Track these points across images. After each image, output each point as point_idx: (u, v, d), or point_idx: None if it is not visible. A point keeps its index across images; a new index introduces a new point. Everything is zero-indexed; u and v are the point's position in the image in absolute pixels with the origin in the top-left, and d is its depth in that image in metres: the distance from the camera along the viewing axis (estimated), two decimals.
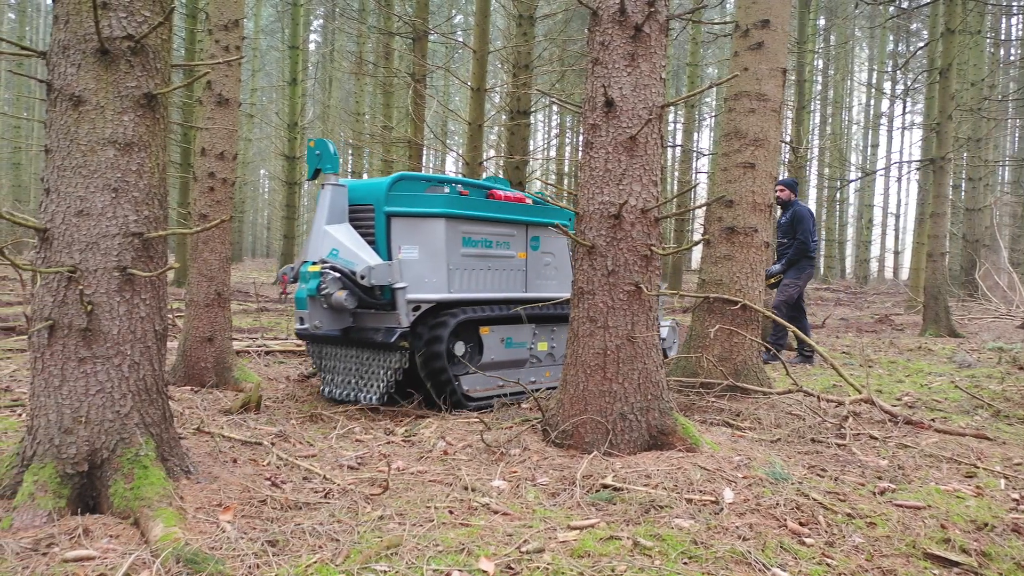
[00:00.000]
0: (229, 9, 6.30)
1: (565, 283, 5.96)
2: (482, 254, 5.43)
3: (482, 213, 5.40)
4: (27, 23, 31.06)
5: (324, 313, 4.88)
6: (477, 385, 5.35)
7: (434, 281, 5.11)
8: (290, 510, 3.16)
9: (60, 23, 3.15)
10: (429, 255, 5.10)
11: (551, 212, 5.96)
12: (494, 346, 5.45)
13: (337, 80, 28.47)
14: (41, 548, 2.66)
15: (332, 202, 5.11)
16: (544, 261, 5.94)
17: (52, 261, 3.09)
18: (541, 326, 5.82)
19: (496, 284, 5.53)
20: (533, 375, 5.81)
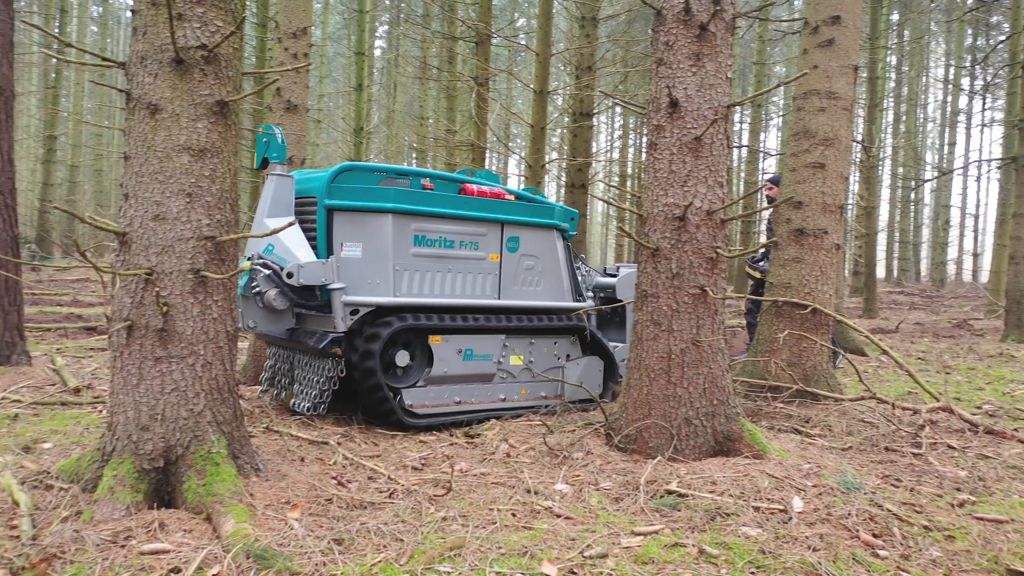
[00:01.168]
0: (298, 17, 6.44)
1: (552, 290, 5.42)
2: (439, 255, 4.86)
3: (441, 210, 4.84)
4: (108, 35, 32.39)
5: (259, 312, 4.49)
6: (426, 400, 4.79)
7: (378, 283, 4.63)
8: (355, 509, 3.21)
9: (138, 34, 3.27)
10: (373, 254, 4.62)
11: (539, 211, 5.34)
12: (448, 358, 4.86)
13: (402, 85, 28.86)
14: (120, 540, 2.76)
15: (275, 194, 4.64)
16: (525, 265, 5.28)
17: (130, 264, 3.21)
18: (514, 338, 5.20)
19: (458, 289, 4.96)
20: (503, 392, 5.16)
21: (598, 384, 5.65)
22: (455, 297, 4.95)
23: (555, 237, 5.44)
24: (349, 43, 25.29)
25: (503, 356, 5.15)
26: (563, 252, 5.52)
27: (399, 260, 4.68)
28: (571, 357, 5.54)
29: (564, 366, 5.47)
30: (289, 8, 6.46)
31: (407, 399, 4.71)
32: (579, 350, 5.60)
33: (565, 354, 5.51)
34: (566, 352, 5.52)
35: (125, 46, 33.66)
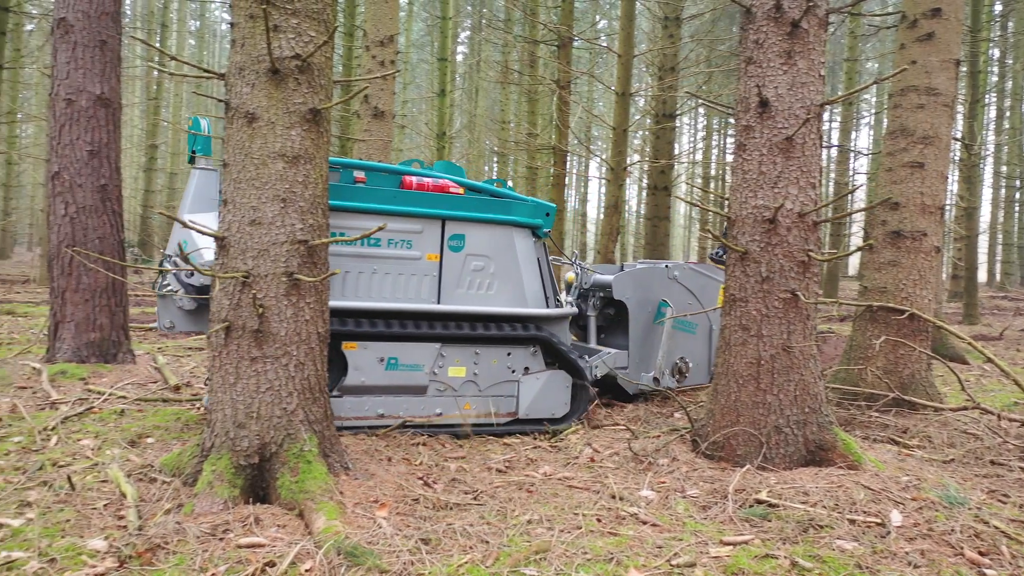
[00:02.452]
0: (385, 26, 6.58)
1: (508, 295, 4.81)
2: (361, 254, 4.44)
3: (364, 204, 4.42)
4: (204, 48, 33.80)
5: (176, 312, 4.30)
6: (340, 411, 4.40)
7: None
8: (441, 510, 3.25)
9: (237, 46, 3.40)
10: None
11: (493, 205, 4.76)
12: (366, 367, 4.42)
13: (483, 89, 29.10)
14: (218, 533, 2.87)
15: (197, 189, 4.43)
16: (472, 266, 4.73)
17: (229, 267, 3.33)
18: (453, 347, 4.65)
19: (387, 291, 4.51)
20: (439, 406, 4.62)
21: (564, 403, 4.92)
22: (382, 300, 4.49)
23: (515, 235, 4.80)
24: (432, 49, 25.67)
25: (439, 366, 4.61)
26: (527, 252, 4.87)
27: None
28: (530, 370, 4.84)
29: (520, 380, 4.81)
30: (376, 17, 6.60)
31: None
32: (540, 363, 4.89)
33: (522, 367, 4.82)
34: (523, 364, 4.82)
35: (220, 58, 35.07)
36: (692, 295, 6.01)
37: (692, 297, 6.02)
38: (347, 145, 14.41)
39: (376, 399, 4.48)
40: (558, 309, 5.01)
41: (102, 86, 6.13)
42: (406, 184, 4.61)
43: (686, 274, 6.00)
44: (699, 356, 6.07)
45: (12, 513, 3.09)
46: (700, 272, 6.11)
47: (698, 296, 6.04)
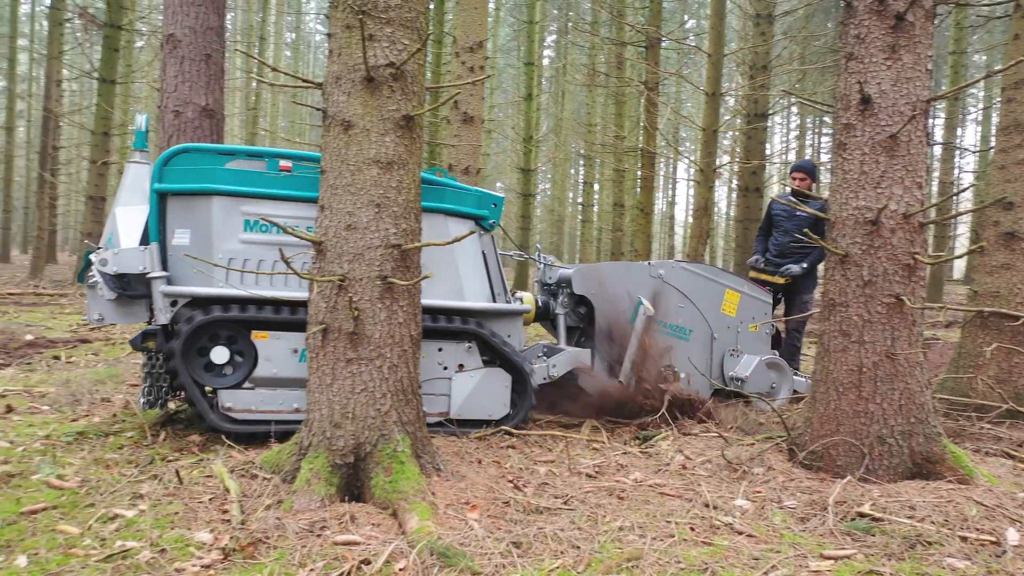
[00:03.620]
0: (474, 32, 6.65)
1: (440, 286, 4.51)
2: (280, 242, 4.20)
3: (283, 191, 4.28)
4: (299, 59, 34.99)
5: (105, 304, 4.20)
6: (251, 404, 4.23)
7: (202, 272, 4.20)
8: (532, 513, 3.24)
9: (333, 56, 3.49)
10: (199, 241, 4.21)
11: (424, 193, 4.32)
12: (277, 357, 4.25)
13: (570, 92, 29.08)
14: (316, 530, 2.95)
15: (131, 182, 4.40)
16: None
17: (325, 271, 3.43)
18: None
19: (304, 281, 4.16)
20: None
21: (502, 404, 4.65)
22: (301, 290, 4.27)
23: (450, 224, 4.55)
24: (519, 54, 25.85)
25: None
26: (468, 243, 4.62)
27: (225, 247, 4.21)
28: (464, 367, 4.60)
29: (452, 378, 4.57)
30: (466, 24, 6.69)
31: (225, 400, 4.19)
32: (477, 360, 4.64)
33: (456, 363, 4.58)
34: (457, 361, 4.58)
35: (315, 68, 36.21)
36: (684, 297, 5.39)
37: (684, 299, 5.38)
38: (436, 150, 14.64)
39: (292, 392, 4.27)
40: (502, 304, 4.73)
41: (207, 98, 6.41)
42: None
43: (675, 273, 5.37)
44: (693, 366, 5.43)
45: (126, 504, 3.26)
46: (695, 272, 5.48)
47: (692, 298, 5.42)
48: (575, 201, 35.45)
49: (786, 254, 6.49)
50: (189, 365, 4.16)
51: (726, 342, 5.57)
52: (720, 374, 5.53)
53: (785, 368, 5.66)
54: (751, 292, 5.70)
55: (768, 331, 5.77)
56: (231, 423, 4.19)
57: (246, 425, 4.20)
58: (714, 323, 5.51)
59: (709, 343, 5.51)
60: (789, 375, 5.69)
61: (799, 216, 6.46)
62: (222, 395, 4.19)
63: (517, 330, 4.82)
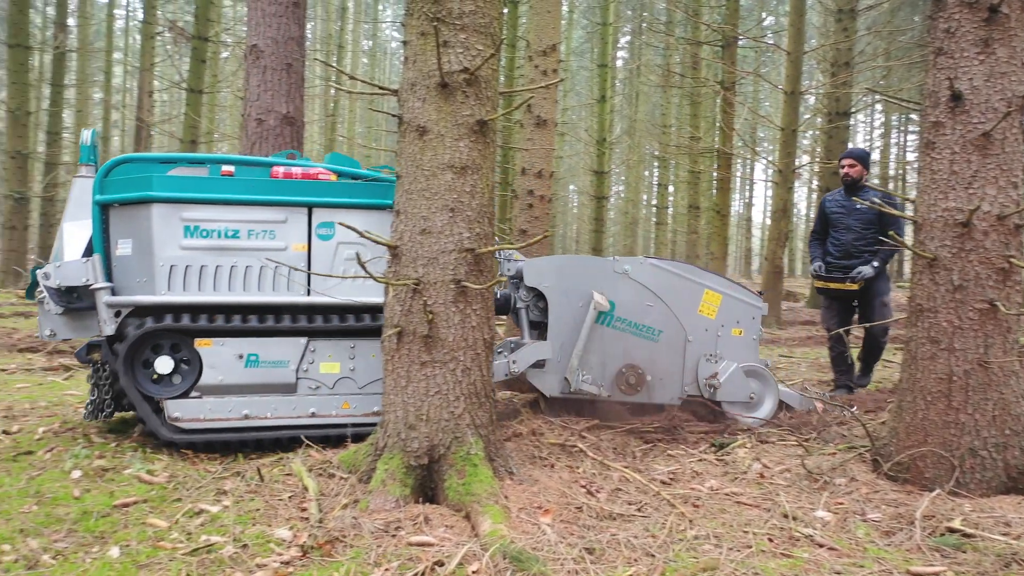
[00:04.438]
0: (547, 35, 6.66)
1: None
2: (219, 247, 4.19)
3: (222, 195, 4.21)
4: (376, 66, 35.70)
5: (56, 319, 4.18)
6: (200, 414, 4.15)
7: (144, 281, 4.14)
8: (605, 519, 3.22)
9: (409, 63, 3.54)
10: (140, 249, 4.16)
11: (368, 190, 4.43)
12: (223, 364, 4.19)
13: (644, 94, 28.80)
14: (390, 530, 2.99)
15: (77, 196, 4.40)
16: (345, 254, 4.40)
17: (401, 274, 3.48)
18: (324, 341, 4.37)
19: (251, 285, 4.26)
20: (315, 405, 4.32)
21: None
22: (246, 294, 4.24)
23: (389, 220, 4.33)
24: (592, 56, 25.73)
25: (309, 363, 4.33)
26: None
27: (166, 254, 4.13)
28: None
29: None
30: (539, 27, 6.70)
31: (172, 411, 4.11)
32: None
33: None
34: None
35: (391, 74, 36.87)
36: (653, 295, 4.99)
37: (653, 297, 4.98)
38: (509, 153, 14.71)
39: (240, 399, 4.21)
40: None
41: (288, 106, 6.60)
42: (272, 174, 4.37)
43: (643, 270, 4.98)
44: (663, 368, 5.01)
45: (211, 500, 3.37)
46: (668, 270, 5.06)
47: (663, 297, 5.00)
48: (649, 204, 35.09)
49: (852, 254, 6.04)
50: (134, 376, 4.12)
51: (703, 346, 5.07)
52: (695, 379, 5.07)
53: (768, 378, 5.15)
54: (737, 294, 5.20)
55: (756, 336, 5.22)
56: (180, 434, 4.12)
57: (195, 435, 4.13)
58: (689, 325, 5.06)
59: (682, 346, 5.06)
60: (773, 386, 5.17)
61: (860, 210, 5.97)
62: (169, 405, 4.11)
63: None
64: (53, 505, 3.28)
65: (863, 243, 6.03)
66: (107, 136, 26.03)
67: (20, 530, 2.98)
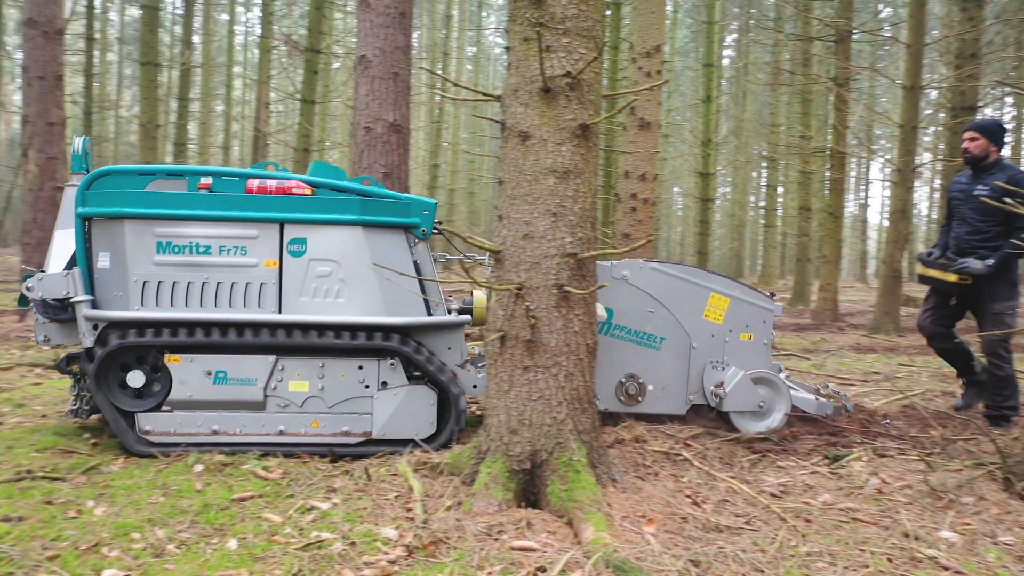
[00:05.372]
0: (651, 36, 6.57)
1: (359, 301, 4.31)
2: (191, 263, 4.20)
3: (193, 211, 4.20)
4: (479, 72, 36.18)
5: (51, 327, 4.28)
6: (171, 427, 4.20)
7: (119, 295, 4.19)
8: (711, 531, 3.13)
9: (512, 69, 3.56)
10: (116, 264, 4.20)
11: (338, 205, 4.30)
12: (192, 381, 4.19)
13: (751, 93, 28.02)
14: (493, 533, 3.01)
15: (67, 205, 4.41)
16: (317, 271, 4.30)
17: (504, 279, 3.50)
18: (293, 359, 4.30)
19: (223, 301, 4.24)
20: (283, 423, 4.27)
21: (428, 422, 4.37)
22: (217, 311, 4.23)
23: (369, 236, 4.33)
24: (697, 56, 25.24)
25: (278, 381, 4.28)
26: (391, 255, 4.36)
27: (138, 270, 4.18)
28: (388, 385, 4.37)
29: (375, 397, 4.35)
30: (643, 28, 6.61)
31: (144, 424, 4.18)
32: (401, 377, 4.38)
33: (379, 381, 4.36)
34: (381, 379, 4.37)
35: (494, 80, 37.29)
36: (655, 301, 4.77)
37: (654, 303, 4.77)
38: (612, 157, 14.60)
39: (209, 415, 4.24)
40: (429, 317, 4.44)
41: (394, 114, 6.76)
42: (247, 188, 4.30)
43: (643, 275, 4.78)
44: (665, 377, 4.81)
45: (321, 497, 3.49)
46: (669, 274, 4.83)
47: (665, 302, 4.76)
48: (757, 205, 34.11)
49: (964, 250, 5.14)
50: (107, 389, 4.20)
51: (709, 352, 4.82)
52: (700, 388, 4.83)
53: (779, 384, 4.81)
54: (746, 297, 4.89)
55: (767, 341, 4.93)
56: (151, 447, 4.17)
57: (166, 448, 4.17)
58: (693, 330, 4.82)
59: (686, 353, 4.82)
60: (784, 393, 4.82)
61: (978, 196, 4.98)
62: (140, 418, 4.19)
63: (457, 342, 4.56)
64: (177, 497, 3.47)
65: (978, 238, 5.10)
66: (227, 146, 27.45)
67: (148, 520, 3.17)
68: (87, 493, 3.49)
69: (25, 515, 3.17)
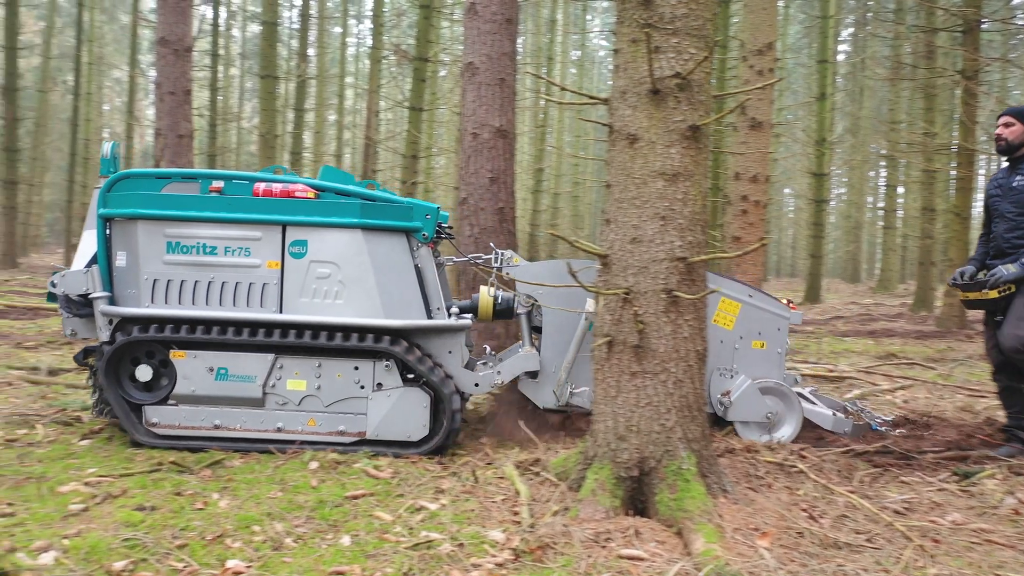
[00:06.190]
0: (763, 33, 6.38)
1: (357, 303, 4.38)
2: (198, 262, 4.36)
3: (201, 213, 4.35)
4: (584, 75, 36.09)
5: (77, 320, 4.50)
6: (176, 420, 4.38)
7: (133, 293, 4.38)
8: (829, 548, 3.00)
9: (619, 71, 3.52)
10: (131, 263, 4.39)
11: (339, 209, 4.36)
12: (195, 376, 4.37)
13: (869, 89, 26.80)
14: (600, 541, 2.98)
15: (93, 206, 4.56)
16: (317, 273, 4.39)
17: (611, 284, 3.46)
18: (292, 358, 4.41)
19: (227, 300, 4.37)
20: (281, 420, 4.40)
21: (421, 425, 4.39)
22: (221, 309, 4.36)
23: (369, 240, 4.39)
24: (810, 52, 24.36)
25: (276, 379, 4.40)
26: (390, 258, 4.42)
27: (150, 268, 4.36)
28: (383, 387, 4.43)
29: (370, 397, 4.41)
30: (754, 25, 6.43)
31: (151, 416, 4.38)
32: (396, 379, 4.43)
33: (374, 383, 4.43)
34: (376, 380, 4.43)
35: (598, 83, 37.14)
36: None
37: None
38: (718, 158, 14.26)
39: (211, 409, 4.39)
40: (426, 321, 4.45)
41: (501, 119, 6.82)
42: (254, 191, 4.44)
43: None
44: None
45: (430, 498, 3.55)
46: None
47: None
48: (875, 206, 32.57)
49: (1004, 251, 4.56)
50: (116, 382, 4.39)
51: (716, 359, 4.63)
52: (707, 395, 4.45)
53: (789, 396, 4.60)
54: (759, 303, 4.64)
55: (781, 350, 4.62)
56: (155, 438, 4.37)
57: (170, 440, 4.36)
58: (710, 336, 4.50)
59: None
60: (795, 405, 4.61)
61: (1016, 188, 4.50)
62: (147, 411, 4.39)
63: (458, 345, 4.57)
64: (295, 493, 3.61)
65: (1017, 235, 4.51)
66: (339, 154, 28.45)
67: (268, 513, 3.31)
68: (212, 486, 3.68)
69: (157, 505, 3.37)
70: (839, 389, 6.89)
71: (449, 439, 4.43)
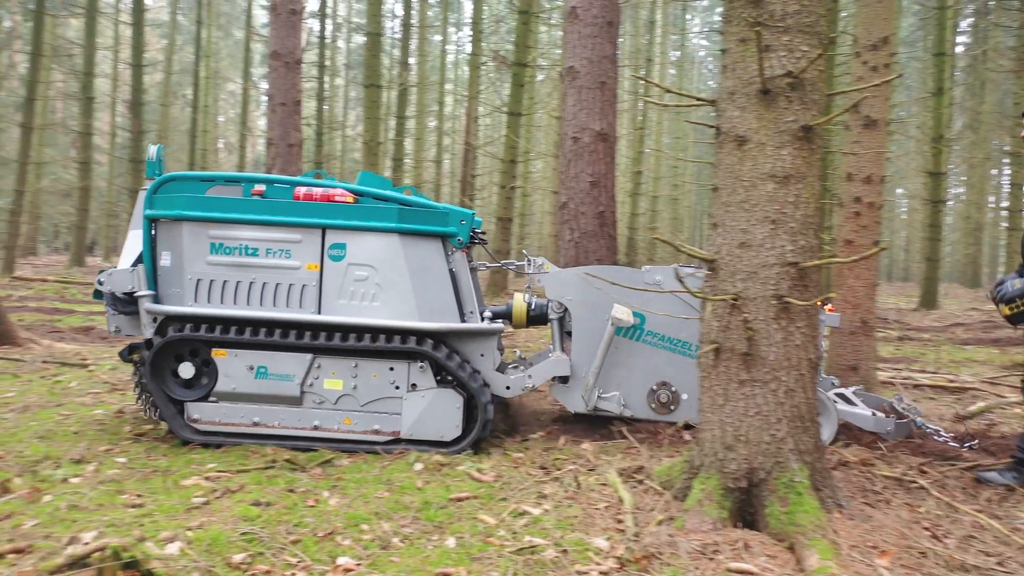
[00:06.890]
0: (878, 27, 6.10)
1: (393, 305, 4.45)
2: (240, 263, 4.47)
3: (244, 215, 4.45)
4: (684, 76, 35.50)
5: (121, 318, 4.64)
6: (216, 417, 4.49)
7: (177, 292, 4.51)
8: (956, 570, 2.83)
9: (727, 72, 3.44)
10: (176, 263, 4.52)
11: (375, 213, 4.44)
12: (236, 374, 4.47)
13: (991, 82, 25.22)
14: (707, 552, 2.91)
15: (139, 207, 4.65)
16: (354, 276, 4.47)
17: (718, 289, 3.38)
18: (329, 358, 4.49)
19: (267, 301, 4.47)
20: (318, 418, 4.48)
21: (454, 425, 4.47)
22: (261, 309, 4.47)
23: (405, 244, 4.47)
24: (925, 45, 23.18)
25: (313, 378, 4.49)
26: (425, 262, 4.51)
27: (194, 269, 4.48)
28: (417, 387, 4.50)
29: (404, 398, 4.48)
30: (868, 19, 6.15)
31: (192, 412, 4.50)
32: (430, 380, 4.50)
33: (409, 383, 4.50)
34: (411, 381, 4.50)
35: (698, 83, 36.46)
36: (689, 307, 4.57)
37: (689, 310, 4.58)
38: (829, 158, 13.72)
39: (251, 407, 4.51)
40: (460, 324, 4.56)
41: (601, 123, 6.78)
42: (295, 195, 4.53)
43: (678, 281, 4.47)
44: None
45: (532, 502, 3.55)
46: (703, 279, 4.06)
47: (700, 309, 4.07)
48: (997, 206, 30.66)
49: None
50: (161, 379, 4.53)
51: None
52: None
53: (822, 399, 4.42)
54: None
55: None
56: (198, 434, 4.50)
57: (211, 436, 4.50)
58: None
59: None
60: (830, 409, 4.51)
61: None
62: (189, 407, 4.50)
63: (490, 348, 4.66)
64: (401, 493, 3.68)
65: None
66: (439, 160, 28.95)
67: (376, 512, 3.39)
68: (323, 484, 3.80)
69: (272, 501, 3.50)
70: (961, 401, 6.51)
71: (480, 439, 4.55)
